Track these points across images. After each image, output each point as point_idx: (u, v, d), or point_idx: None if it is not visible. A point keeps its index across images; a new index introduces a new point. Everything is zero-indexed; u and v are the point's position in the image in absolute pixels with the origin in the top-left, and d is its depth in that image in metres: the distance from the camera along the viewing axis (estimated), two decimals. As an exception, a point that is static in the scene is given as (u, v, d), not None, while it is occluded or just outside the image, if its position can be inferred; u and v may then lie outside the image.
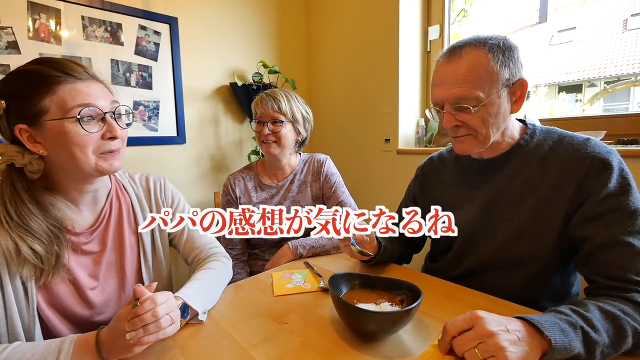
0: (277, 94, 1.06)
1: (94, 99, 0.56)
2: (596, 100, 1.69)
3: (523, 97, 0.64)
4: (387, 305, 0.58)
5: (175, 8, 1.45)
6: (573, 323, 0.45)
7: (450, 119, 0.65)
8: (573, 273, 0.71)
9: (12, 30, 1.08)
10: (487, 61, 0.60)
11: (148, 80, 1.40)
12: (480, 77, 0.61)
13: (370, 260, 0.79)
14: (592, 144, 0.61)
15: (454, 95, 0.62)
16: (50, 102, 0.53)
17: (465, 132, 0.66)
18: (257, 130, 1.07)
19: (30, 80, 0.54)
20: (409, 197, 0.92)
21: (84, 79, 0.56)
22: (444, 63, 0.65)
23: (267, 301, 0.68)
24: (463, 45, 0.63)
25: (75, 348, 0.46)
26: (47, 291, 0.58)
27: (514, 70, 0.62)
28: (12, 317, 0.54)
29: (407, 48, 1.52)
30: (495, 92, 0.61)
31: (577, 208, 0.60)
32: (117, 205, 0.69)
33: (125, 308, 0.48)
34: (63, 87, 0.54)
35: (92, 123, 0.56)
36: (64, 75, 0.54)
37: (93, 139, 0.56)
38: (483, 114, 0.62)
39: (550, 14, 2.24)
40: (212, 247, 0.78)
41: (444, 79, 0.64)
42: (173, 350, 0.52)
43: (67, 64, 0.56)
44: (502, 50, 0.61)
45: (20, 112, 0.53)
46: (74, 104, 0.54)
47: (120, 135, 0.59)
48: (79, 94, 0.54)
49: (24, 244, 0.52)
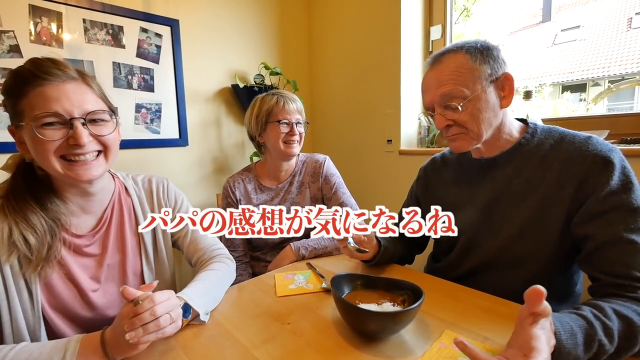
0: (290, 94, 1.07)
1: (60, 104, 0.52)
2: (600, 99, 1.67)
3: (512, 91, 0.66)
4: (389, 305, 0.57)
5: (177, 10, 1.46)
6: (592, 335, 0.45)
7: (441, 119, 0.67)
8: (576, 272, 0.70)
9: (14, 34, 1.09)
10: (466, 61, 0.64)
11: (150, 82, 1.41)
12: (461, 75, 0.64)
13: (370, 260, 0.79)
14: (593, 142, 0.61)
15: (439, 94, 0.65)
16: (24, 105, 0.53)
17: (457, 130, 0.67)
18: (283, 130, 1.03)
19: (13, 81, 0.54)
20: (412, 198, 0.92)
21: (55, 80, 0.53)
22: (428, 71, 0.70)
23: (270, 302, 0.68)
24: (443, 53, 0.68)
25: (81, 347, 0.47)
26: (50, 293, 0.59)
27: (494, 66, 0.64)
28: (16, 318, 0.54)
29: (409, 48, 1.52)
30: (480, 87, 0.63)
31: (579, 206, 0.60)
32: (119, 207, 0.69)
33: (127, 307, 0.48)
34: (33, 90, 0.52)
35: (55, 129, 0.53)
36: (37, 78, 0.52)
37: (54, 145, 0.53)
38: (472, 110, 0.64)
39: (554, 13, 2.23)
40: (215, 249, 0.78)
41: (430, 84, 0.68)
42: (176, 350, 0.53)
43: (42, 64, 0.54)
44: (479, 51, 0.64)
45: (9, 112, 0.55)
46: (37, 110, 0.52)
47: (85, 141, 0.54)
48: (46, 98, 0.52)
49: (16, 229, 0.52)
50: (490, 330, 0.53)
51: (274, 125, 1.03)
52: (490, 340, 0.51)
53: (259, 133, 1.07)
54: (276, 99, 1.04)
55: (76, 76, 0.56)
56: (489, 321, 0.57)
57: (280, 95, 1.06)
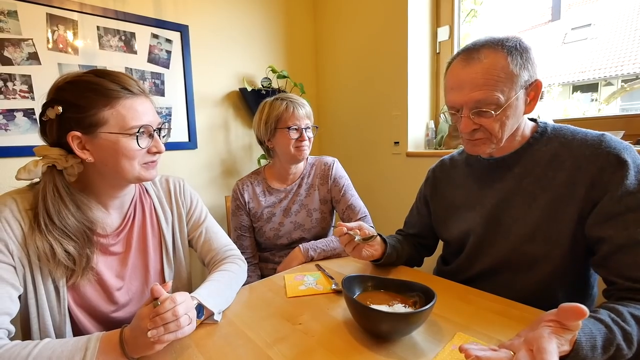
0: (299, 99, 1.07)
1: (147, 117, 0.60)
2: (613, 99, 1.64)
3: (537, 97, 0.63)
4: (401, 306, 0.57)
5: (186, 16, 1.49)
6: (611, 339, 0.44)
7: (469, 123, 0.63)
8: (591, 275, 0.69)
9: (33, 41, 1.13)
10: (507, 64, 0.59)
11: (161, 87, 1.44)
12: (500, 80, 0.59)
13: (379, 259, 0.79)
14: (606, 140, 0.59)
15: (473, 99, 0.61)
16: (110, 115, 0.57)
17: (482, 135, 0.64)
18: (294, 136, 1.03)
19: (89, 91, 0.56)
20: (420, 199, 0.91)
21: (137, 94, 0.60)
22: (459, 66, 0.63)
23: (281, 302, 0.69)
24: (480, 48, 0.61)
25: (101, 345, 0.48)
26: (77, 292, 0.61)
27: (532, 72, 0.61)
28: (43, 315, 0.57)
29: (416, 50, 1.52)
30: (514, 94, 0.60)
31: (593, 206, 0.58)
32: (141, 207, 0.72)
33: (146, 307, 0.50)
34: (122, 102, 0.57)
35: (143, 138, 0.60)
36: (122, 91, 0.58)
37: (142, 152, 0.61)
38: (501, 117, 0.61)
39: (564, 11, 2.19)
40: (228, 249, 0.80)
41: (462, 83, 0.62)
42: (191, 348, 0.54)
43: (123, 78, 0.59)
44: (519, 53, 0.60)
45: (75, 120, 0.56)
46: (132, 122, 0.58)
47: (163, 149, 0.64)
48: (136, 111, 0.59)
49: (59, 246, 0.55)
50: (503, 333, 0.53)
51: (283, 131, 1.03)
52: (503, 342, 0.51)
53: (268, 138, 1.07)
54: (285, 104, 1.04)
55: (145, 91, 0.63)
56: (501, 324, 0.56)
57: (290, 100, 1.05)
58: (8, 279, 0.53)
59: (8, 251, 0.54)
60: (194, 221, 0.79)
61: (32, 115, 1.15)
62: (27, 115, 1.14)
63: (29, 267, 0.56)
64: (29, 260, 0.55)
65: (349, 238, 0.71)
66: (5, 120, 1.11)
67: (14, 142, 1.12)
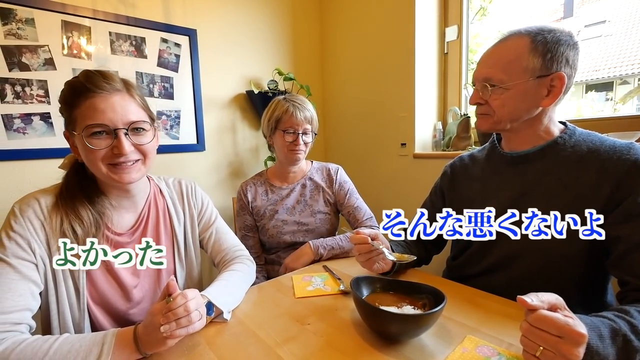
0: (303, 102, 1.08)
1: (107, 115, 0.57)
2: (629, 98, 1.59)
3: (558, 92, 0.63)
4: (410, 308, 0.57)
5: (194, 20, 1.51)
6: (616, 329, 0.44)
7: (476, 95, 0.70)
8: (607, 280, 0.68)
9: (49, 48, 1.17)
10: (525, 51, 0.62)
11: (170, 90, 1.46)
12: (509, 63, 0.64)
13: (388, 272, 0.77)
14: (635, 148, 0.60)
15: (482, 75, 0.68)
16: (78, 115, 0.58)
17: (485, 110, 0.69)
18: (288, 140, 1.05)
19: (68, 92, 0.60)
20: (436, 192, 0.91)
21: (102, 93, 0.58)
22: (491, 45, 0.69)
23: (289, 303, 0.69)
24: (513, 33, 0.66)
25: (117, 341, 0.50)
26: (95, 289, 0.64)
27: (549, 63, 0.62)
28: (63, 312, 0.60)
29: (424, 50, 1.51)
30: (524, 80, 0.63)
31: (615, 207, 0.58)
32: (155, 208, 0.74)
33: (159, 304, 0.51)
34: (84, 102, 0.58)
35: (102, 138, 0.58)
36: (88, 90, 0.58)
37: (103, 153, 0.59)
38: (505, 98, 0.65)
39: (577, 8, 2.13)
40: (237, 250, 0.81)
41: (482, 59, 0.70)
42: (202, 345, 0.55)
43: (92, 76, 0.59)
44: (545, 43, 0.61)
45: (64, 120, 0.62)
46: (88, 121, 0.57)
47: (127, 151, 0.59)
48: (95, 110, 0.57)
49: (66, 219, 0.59)
50: (514, 337, 0.52)
51: (280, 132, 1.07)
52: (514, 346, 0.50)
53: (269, 135, 1.12)
54: (287, 106, 1.06)
55: (121, 88, 0.61)
56: (512, 327, 0.55)
57: (292, 103, 1.06)
58: (30, 276, 0.55)
59: (30, 249, 0.56)
60: (204, 222, 0.80)
61: (48, 119, 1.18)
62: (44, 119, 1.18)
63: (50, 266, 0.58)
64: (51, 259, 0.58)
65: (369, 248, 0.69)
66: (23, 124, 1.14)
67: (32, 145, 1.16)
